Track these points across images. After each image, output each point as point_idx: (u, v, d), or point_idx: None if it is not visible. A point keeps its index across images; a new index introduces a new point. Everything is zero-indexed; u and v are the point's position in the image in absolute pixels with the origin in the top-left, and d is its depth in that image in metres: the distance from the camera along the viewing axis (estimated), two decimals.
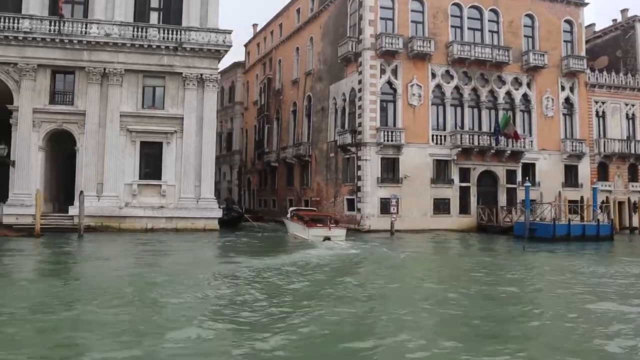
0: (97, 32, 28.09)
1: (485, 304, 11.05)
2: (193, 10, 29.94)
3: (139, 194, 28.81)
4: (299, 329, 8.52)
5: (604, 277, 15.07)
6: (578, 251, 21.32)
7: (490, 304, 11.21)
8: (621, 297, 11.71)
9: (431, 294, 11.96)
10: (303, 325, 8.70)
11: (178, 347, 7.54)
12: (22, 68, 27.34)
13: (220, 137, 59.23)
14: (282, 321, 9.01)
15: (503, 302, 11.56)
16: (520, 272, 16.11)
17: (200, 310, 10.00)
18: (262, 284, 13.02)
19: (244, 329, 8.49)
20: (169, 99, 29.48)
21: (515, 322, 9.63)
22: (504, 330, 9.00)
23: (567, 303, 11.28)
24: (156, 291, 11.68)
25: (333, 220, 26.40)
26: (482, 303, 11.15)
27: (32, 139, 27.61)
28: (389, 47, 29.72)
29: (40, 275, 15.09)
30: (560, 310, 10.43)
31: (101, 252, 20.30)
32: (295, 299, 11.07)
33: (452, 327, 8.97)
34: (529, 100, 32.96)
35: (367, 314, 9.91)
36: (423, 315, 9.94)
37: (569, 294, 12.39)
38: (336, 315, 9.49)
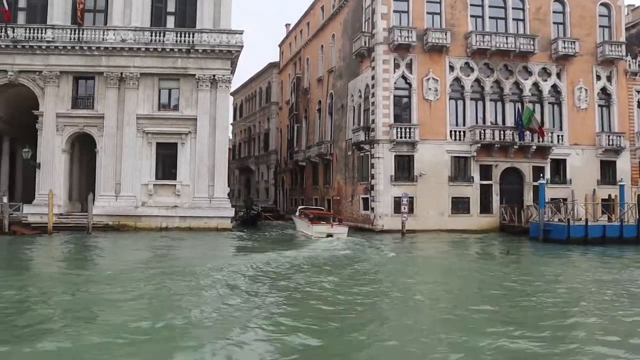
0: (114, 38, 29.37)
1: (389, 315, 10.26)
2: (206, 12, 30.62)
3: (155, 193, 29.81)
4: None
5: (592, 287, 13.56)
6: (587, 254, 19.65)
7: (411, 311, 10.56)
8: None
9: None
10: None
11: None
12: (46, 75, 29.07)
13: (258, 137, 60.46)
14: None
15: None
16: (476, 285, 13.94)
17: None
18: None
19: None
20: (183, 100, 30.29)
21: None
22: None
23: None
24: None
25: (337, 219, 28.34)
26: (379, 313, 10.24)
27: (56, 142, 29.27)
28: (401, 41, 28.94)
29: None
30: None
31: (90, 250, 21.00)
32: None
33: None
34: (559, 91, 30.95)
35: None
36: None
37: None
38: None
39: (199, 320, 9.33)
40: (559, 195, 29.58)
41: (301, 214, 30.53)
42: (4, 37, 28.56)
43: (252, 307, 10.33)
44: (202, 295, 11.65)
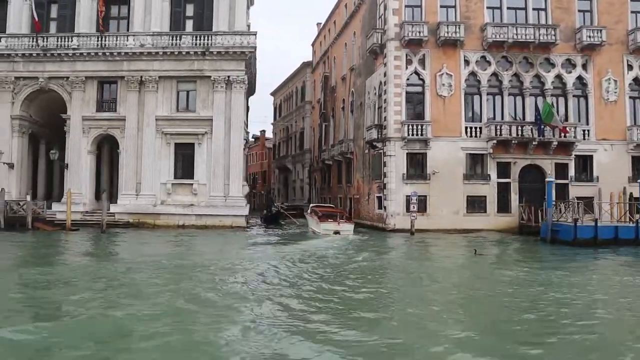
0: (134, 44, 30.82)
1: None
2: (221, 15, 31.49)
3: (173, 192, 31.00)
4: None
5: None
6: (579, 256, 18.54)
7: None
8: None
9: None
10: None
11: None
12: (73, 81, 30.95)
13: (294, 137, 61.11)
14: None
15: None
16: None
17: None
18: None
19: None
20: (200, 101, 31.27)
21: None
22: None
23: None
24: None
25: (344, 217, 29.48)
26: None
27: (82, 144, 31.08)
28: (412, 36, 28.50)
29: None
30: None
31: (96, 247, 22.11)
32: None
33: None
34: (584, 83, 29.33)
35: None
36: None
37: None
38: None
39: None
40: (584, 194, 28.08)
41: (312, 212, 31.33)
42: (35, 46, 30.61)
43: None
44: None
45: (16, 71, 31.01)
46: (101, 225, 26.68)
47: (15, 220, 27.30)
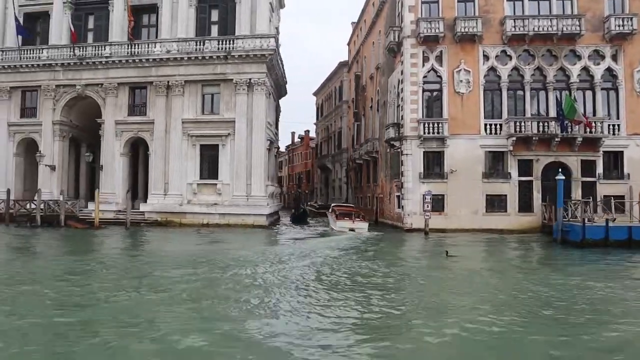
0: (160, 50, 32.27)
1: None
2: (243, 19, 32.42)
3: (199, 192, 32.20)
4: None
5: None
6: (571, 259, 17.62)
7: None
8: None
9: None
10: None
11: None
12: (106, 87, 32.86)
13: (333, 136, 61.40)
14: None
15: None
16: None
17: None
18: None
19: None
20: (223, 104, 32.29)
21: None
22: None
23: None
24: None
25: (360, 215, 30.79)
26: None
27: (115, 147, 32.93)
28: (428, 32, 28.14)
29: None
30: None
31: (116, 243, 23.39)
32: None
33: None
34: (614, 75, 27.78)
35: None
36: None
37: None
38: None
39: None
40: (614, 192, 26.66)
41: (332, 211, 32.37)
42: (72, 56, 32.75)
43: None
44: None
45: (56, 80, 33.37)
46: (125, 224, 28.15)
47: (53, 219, 29.43)
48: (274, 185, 36.85)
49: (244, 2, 32.47)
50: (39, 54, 33.43)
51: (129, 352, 7.53)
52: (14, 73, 33.70)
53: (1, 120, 33.98)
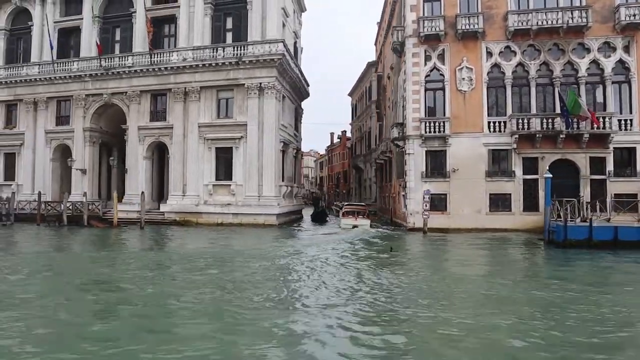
0: (177, 58, 33.76)
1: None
2: (254, 25, 33.38)
3: (214, 193, 33.45)
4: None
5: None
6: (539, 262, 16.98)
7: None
8: None
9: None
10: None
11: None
12: (130, 95, 34.77)
13: (365, 136, 61.31)
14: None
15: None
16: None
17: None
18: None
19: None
20: (236, 108, 33.37)
21: None
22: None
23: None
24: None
25: (363, 213, 32.72)
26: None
27: (139, 151, 34.79)
28: (429, 31, 27.90)
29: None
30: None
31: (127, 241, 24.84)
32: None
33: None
34: (627, 67, 26.33)
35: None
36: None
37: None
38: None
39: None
40: (626, 191, 25.50)
41: (342, 209, 34.17)
42: (99, 67, 34.89)
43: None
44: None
45: (86, 89, 35.73)
46: (140, 224, 29.75)
47: (78, 218, 31.56)
48: (290, 186, 37.48)
49: (255, 9, 33.41)
50: (71, 66, 35.95)
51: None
52: (49, 84, 36.43)
53: (39, 128, 36.84)
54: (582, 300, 11.07)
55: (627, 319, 9.68)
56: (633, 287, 12.66)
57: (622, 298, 11.36)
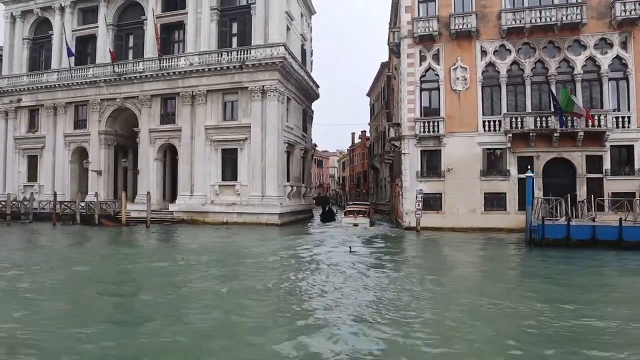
0: (184, 63, 34.82)
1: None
2: (258, 30, 34.23)
3: (220, 193, 34.38)
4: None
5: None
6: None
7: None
8: None
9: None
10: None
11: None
12: (141, 99, 36.14)
13: (381, 136, 61.22)
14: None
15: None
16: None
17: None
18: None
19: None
20: (241, 110, 34.24)
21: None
22: None
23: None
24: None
25: (367, 213, 33.84)
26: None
27: (150, 153, 36.09)
28: (422, 32, 28.03)
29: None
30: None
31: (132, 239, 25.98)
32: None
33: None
34: (624, 64, 25.71)
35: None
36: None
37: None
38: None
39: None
40: (624, 190, 24.99)
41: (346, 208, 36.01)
42: (112, 73, 36.38)
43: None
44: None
45: (101, 94, 37.32)
46: (146, 222, 30.94)
47: (90, 217, 33.03)
48: (296, 186, 38.05)
49: (258, 13, 34.18)
50: (86, 72, 37.59)
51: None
52: (67, 90, 38.23)
53: (59, 131, 38.69)
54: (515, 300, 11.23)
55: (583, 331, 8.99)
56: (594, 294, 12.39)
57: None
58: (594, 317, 9.41)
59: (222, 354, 7.60)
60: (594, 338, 8.24)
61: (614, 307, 10.31)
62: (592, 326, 8.89)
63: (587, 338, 8.24)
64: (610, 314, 9.71)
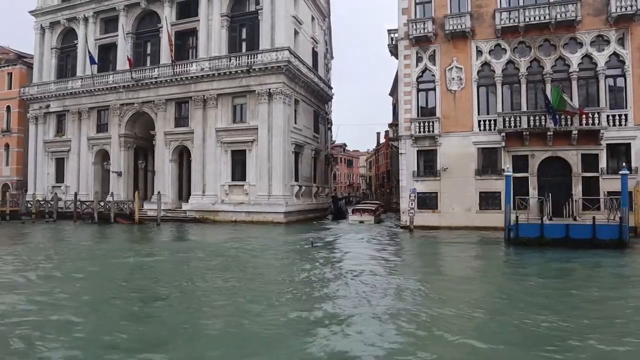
0: (196, 68, 36.28)
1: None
2: (265, 35, 35.38)
3: (230, 192, 35.67)
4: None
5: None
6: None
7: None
8: None
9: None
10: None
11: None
12: (157, 103, 37.89)
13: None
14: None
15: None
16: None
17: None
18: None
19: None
20: (249, 113, 35.44)
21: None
22: None
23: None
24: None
25: (375, 210, 37.58)
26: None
27: (165, 154, 37.83)
28: (417, 33, 28.43)
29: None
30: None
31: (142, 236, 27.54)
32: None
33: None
34: (622, 61, 25.25)
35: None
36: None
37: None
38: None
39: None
40: (620, 188, 24.34)
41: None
42: (130, 79, 38.31)
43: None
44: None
45: (120, 99, 39.35)
46: (156, 220, 32.58)
47: (108, 216, 34.96)
48: (306, 185, 38.89)
49: (265, 19, 35.27)
50: (107, 79, 39.71)
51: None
52: (90, 96, 40.51)
53: (83, 135, 41.03)
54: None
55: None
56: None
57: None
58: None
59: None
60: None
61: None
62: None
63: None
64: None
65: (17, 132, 45.40)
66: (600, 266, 15.34)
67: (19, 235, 26.59)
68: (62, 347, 7.82)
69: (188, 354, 7.49)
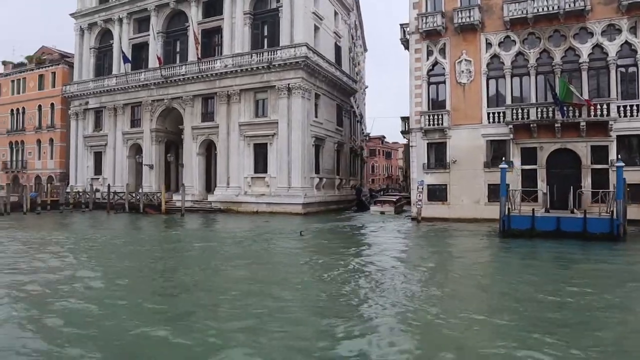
0: (220, 65, 37.98)
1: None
2: (284, 31, 36.67)
3: (252, 184, 37.30)
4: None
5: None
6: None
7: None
8: None
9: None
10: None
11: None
12: (185, 99, 39.88)
13: None
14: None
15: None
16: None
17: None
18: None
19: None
20: (270, 107, 36.85)
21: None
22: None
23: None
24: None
25: (397, 202, 39.54)
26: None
27: (193, 148, 39.86)
28: (427, 27, 28.78)
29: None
30: None
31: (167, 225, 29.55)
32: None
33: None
34: (634, 50, 24.79)
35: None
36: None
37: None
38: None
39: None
40: (633, 180, 24.10)
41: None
42: (160, 76, 40.49)
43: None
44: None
45: (151, 96, 41.67)
46: (181, 211, 34.58)
47: (138, 206, 37.34)
48: (327, 177, 39.93)
49: (285, 15, 36.47)
50: (139, 76, 42.09)
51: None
52: (124, 93, 43.08)
53: (118, 130, 43.73)
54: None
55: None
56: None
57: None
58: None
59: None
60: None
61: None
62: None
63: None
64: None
65: (60, 127, 48.89)
66: (573, 259, 15.69)
67: (57, 223, 29.25)
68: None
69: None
